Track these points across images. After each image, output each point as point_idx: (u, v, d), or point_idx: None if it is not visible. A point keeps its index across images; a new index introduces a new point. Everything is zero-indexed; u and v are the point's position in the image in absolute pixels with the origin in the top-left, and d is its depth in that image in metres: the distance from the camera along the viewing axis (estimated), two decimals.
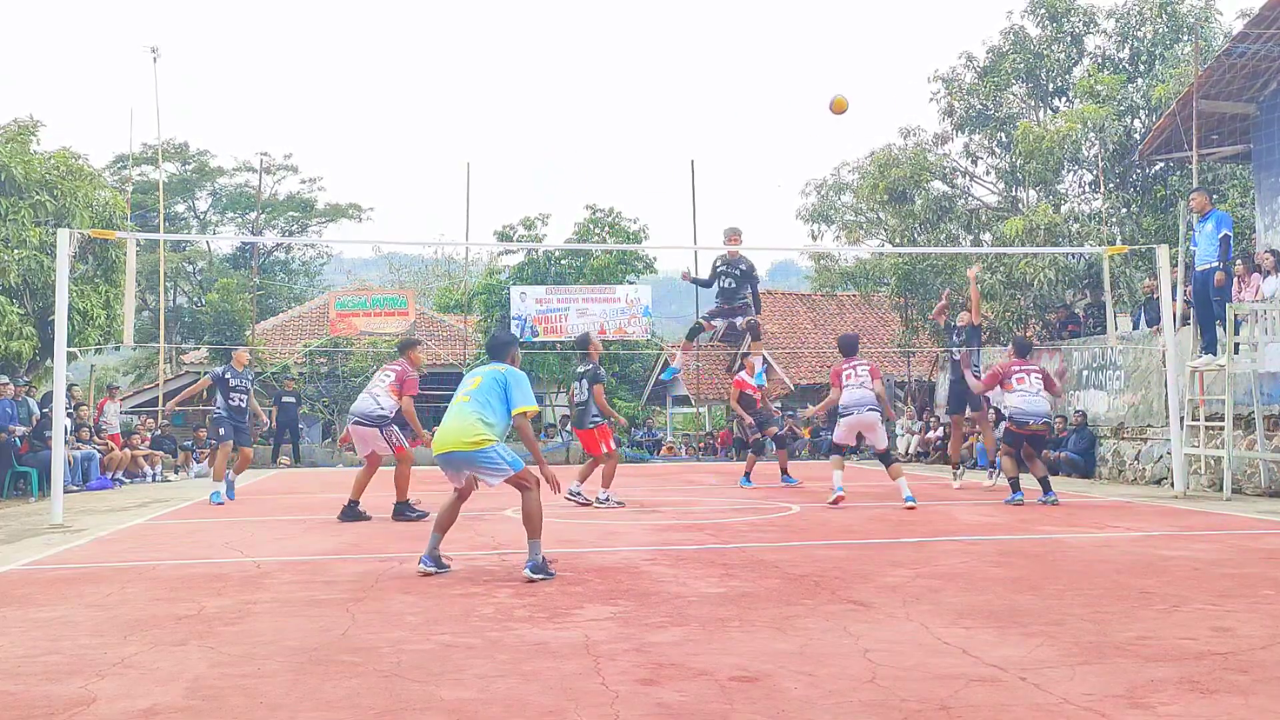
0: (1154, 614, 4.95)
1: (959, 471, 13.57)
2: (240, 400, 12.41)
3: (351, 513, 9.77)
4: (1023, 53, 20.67)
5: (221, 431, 12.21)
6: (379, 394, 9.91)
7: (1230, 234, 11.97)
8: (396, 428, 9.92)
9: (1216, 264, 11.87)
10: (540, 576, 6.05)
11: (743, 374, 14.73)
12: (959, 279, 20.43)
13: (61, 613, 5.25)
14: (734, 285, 12.07)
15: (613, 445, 11.27)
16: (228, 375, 12.41)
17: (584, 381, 11.18)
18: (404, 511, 9.75)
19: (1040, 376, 10.82)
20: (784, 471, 14.35)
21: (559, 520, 9.58)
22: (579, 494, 10.96)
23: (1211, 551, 7.11)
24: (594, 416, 11.09)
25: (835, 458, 11.11)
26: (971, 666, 3.96)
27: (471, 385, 6.43)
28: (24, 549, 8.04)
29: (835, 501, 10.71)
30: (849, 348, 11.17)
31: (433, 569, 6.40)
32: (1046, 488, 10.78)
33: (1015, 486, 10.81)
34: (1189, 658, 4.05)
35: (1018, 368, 10.85)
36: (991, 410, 12.94)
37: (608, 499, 10.91)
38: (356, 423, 9.95)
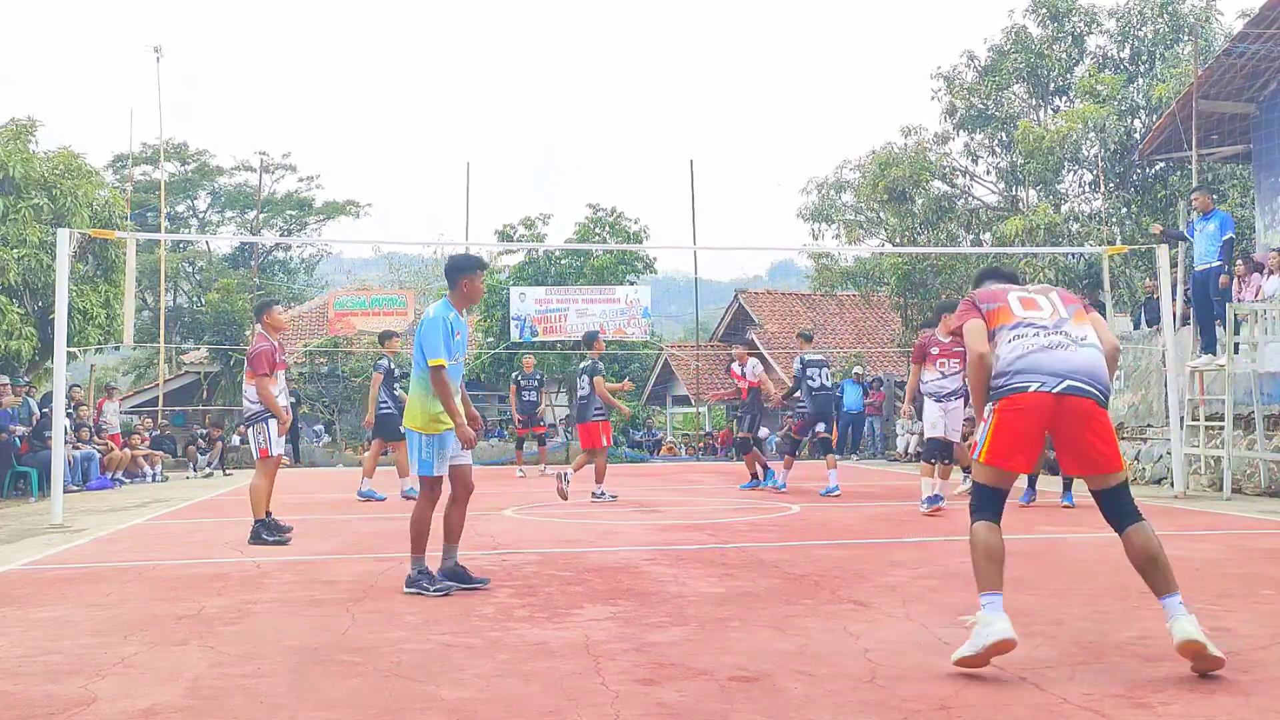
0: (1154, 614, 4.93)
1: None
2: (403, 391, 11.97)
3: (267, 529, 7.99)
4: (1024, 52, 20.69)
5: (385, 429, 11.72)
6: (245, 385, 8.27)
7: (1234, 236, 11.96)
8: (268, 425, 7.96)
9: (1218, 263, 11.86)
10: (412, 591, 5.58)
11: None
12: (958, 278, 20.44)
13: (61, 613, 5.25)
14: None
15: (608, 440, 11.49)
16: (393, 366, 11.90)
17: (585, 376, 11.35)
18: (260, 533, 7.90)
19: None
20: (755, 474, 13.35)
21: (559, 520, 9.59)
22: (602, 494, 11.22)
23: (1211, 551, 7.10)
24: (596, 410, 11.29)
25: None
26: None
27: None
28: (24, 549, 8.04)
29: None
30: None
31: (460, 586, 5.70)
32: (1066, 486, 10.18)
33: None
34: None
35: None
36: None
37: (603, 494, 11.23)
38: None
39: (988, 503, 4.01)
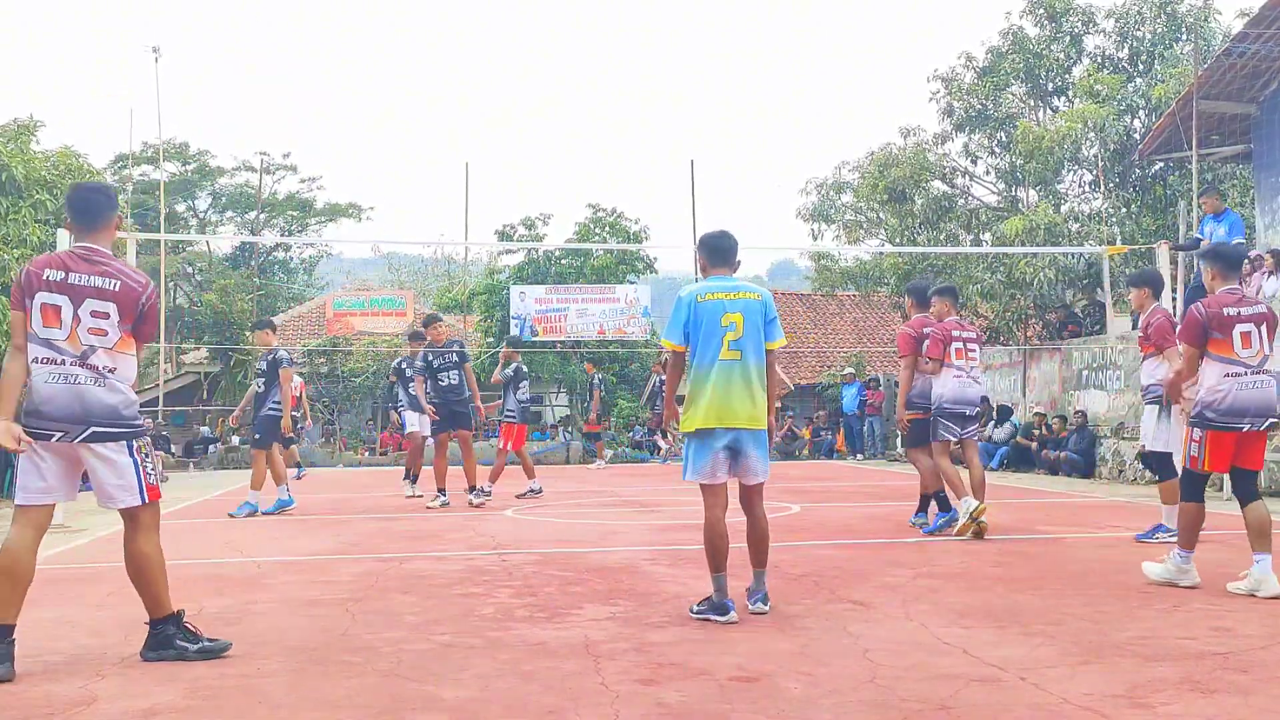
0: (1154, 614, 4.95)
1: None
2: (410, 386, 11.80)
3: None
4: (1021, 53, 20.66)
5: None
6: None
7: (1244, 242, 11.97)
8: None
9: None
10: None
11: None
12: (958, 278, 20.46)
13: (61, 613, 5.25)
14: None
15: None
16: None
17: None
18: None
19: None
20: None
21: (559, 520, 9.59)
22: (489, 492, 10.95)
23: (1211, 551, 7.10)
24: (506, 411, 11.39)
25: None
26: (971, 666, 3.96)
27: (736, 322, 4.66)
28: None
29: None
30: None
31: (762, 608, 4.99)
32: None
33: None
34: (1189, 658, 4.05)
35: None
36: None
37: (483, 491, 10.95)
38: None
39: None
